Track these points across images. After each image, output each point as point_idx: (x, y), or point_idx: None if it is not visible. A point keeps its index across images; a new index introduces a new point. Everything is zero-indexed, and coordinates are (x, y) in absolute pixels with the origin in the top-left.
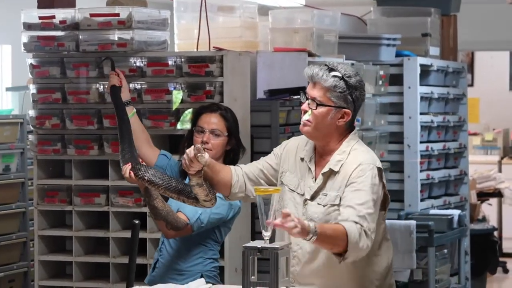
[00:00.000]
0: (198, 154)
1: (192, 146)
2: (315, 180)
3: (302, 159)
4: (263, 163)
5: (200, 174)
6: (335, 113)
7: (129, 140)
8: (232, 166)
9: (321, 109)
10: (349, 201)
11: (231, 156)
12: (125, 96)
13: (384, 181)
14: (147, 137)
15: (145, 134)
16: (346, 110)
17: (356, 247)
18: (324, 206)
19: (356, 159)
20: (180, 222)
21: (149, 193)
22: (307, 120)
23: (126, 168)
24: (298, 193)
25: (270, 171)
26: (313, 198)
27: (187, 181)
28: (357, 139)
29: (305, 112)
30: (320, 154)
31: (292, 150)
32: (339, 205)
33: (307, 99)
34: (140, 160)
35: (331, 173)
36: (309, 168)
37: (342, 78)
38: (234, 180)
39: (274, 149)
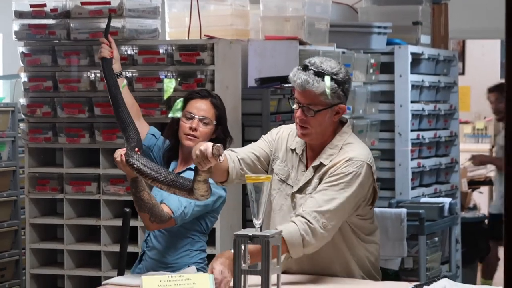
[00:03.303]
0: (219, 157)
1: (209, 144)
2: (305, 172)
3: (292, 150)
4: (258, 149)
5: (210, 170)
6: (331, 112)
7: (125, 119)
8: (226, 152)
9: (319, 114)
10: (319, 192)
11: None
12: (116, 67)
13: (374, 177)
14: (137, 111)
15: (135, 108)
16: (341, 105)
17: (298, 249)
18: (307, 194)
19: (347, 153)
20: (164, 215)
21: (135, 184)
22: (305, 127)
23: (120, 152)
24: (288, 184)
25: (265, 158)
26: (301, 190)
27: (171, 168)
28: (350, 132)
29: (301, 120)
30: (312, 148)
31: (284, 139)
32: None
33: (299, 106)
34: (136, 149)
35: (321, 166)
36: (301, 161)
37: (331, 78)
38: (231, 166)
39: (263, 136)
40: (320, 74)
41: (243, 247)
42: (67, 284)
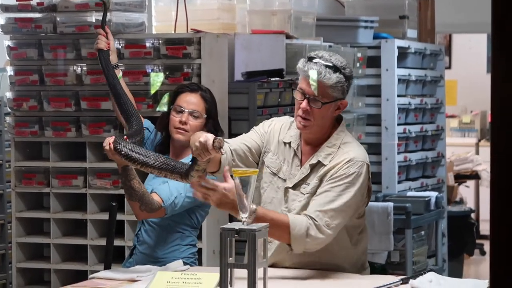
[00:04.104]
0: (220, 149)
1: (209, 136)
2: (300, 168)
3: (286, 144)
4: (250, 141)
5: (209, 160)
6: (334, 106)
7: (127, 109)
8: None
9: (324, 106)
10: (321, 194)
11: None
12: (113, 59)
13: (370, 175)
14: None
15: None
16: (343, 101)
17: (300, 240)
18: (304, 194)
19: (347, 154)
20: (154, 204)
21: (126, 172)
22: (308, 119)
23: (108, 140)
24: (280, 177)
25: (257, 150)
26: (295, 186)
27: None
28: (346, 131)
29: (305, 111)
30: (307, 142)
31: (276, 132)
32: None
33: (305, 97)
34: (125, 137)
35: (319, 165)
36: (296, 155)
37: (340, 72)
38: (223, 157)
39: (255, 128)
40: (331, 67)
41: (229, 240)
42: (54, 278)
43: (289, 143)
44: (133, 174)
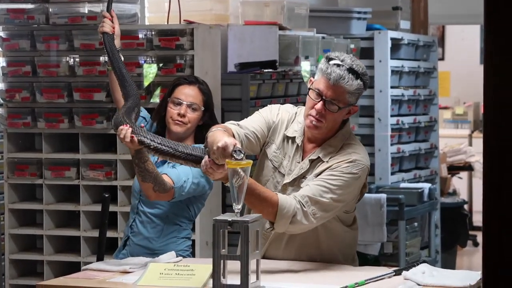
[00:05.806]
0: (239, 159)
1: (228, 142)
2: (300, 164)
3: (290, 138)
4: (259, 128)
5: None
6: (346, 110)
7: (132, 94)
8: (233, 127)
9: (339, 111)
10: (316, 182)
11: (203, 132)
12: (116, 43)
13: (367, 176)
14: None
15: None
16: (355, 106)
17: (285, 222)
18: (300, 188)
19: (350, 155)
20: (166, 185)
21: (140, 155)
22: (321, 121)
23: (127, 132)
24: (280, 172)
25: (263, 138)
26: (293, 182)
27: None
28: (351, 132)
29: (319, 112)
30: (311, 140)
31: (283, 124)
32: None
33: (321, 98)
34: (142, 125)
35: (318, 161)
36: (298, 151)
37: (361, 79)
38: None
39: (262, 113)
40: (353, 73)
41: (222, 232)
42: (47, 269)
43: (293, 138)
44: (146, 156)
